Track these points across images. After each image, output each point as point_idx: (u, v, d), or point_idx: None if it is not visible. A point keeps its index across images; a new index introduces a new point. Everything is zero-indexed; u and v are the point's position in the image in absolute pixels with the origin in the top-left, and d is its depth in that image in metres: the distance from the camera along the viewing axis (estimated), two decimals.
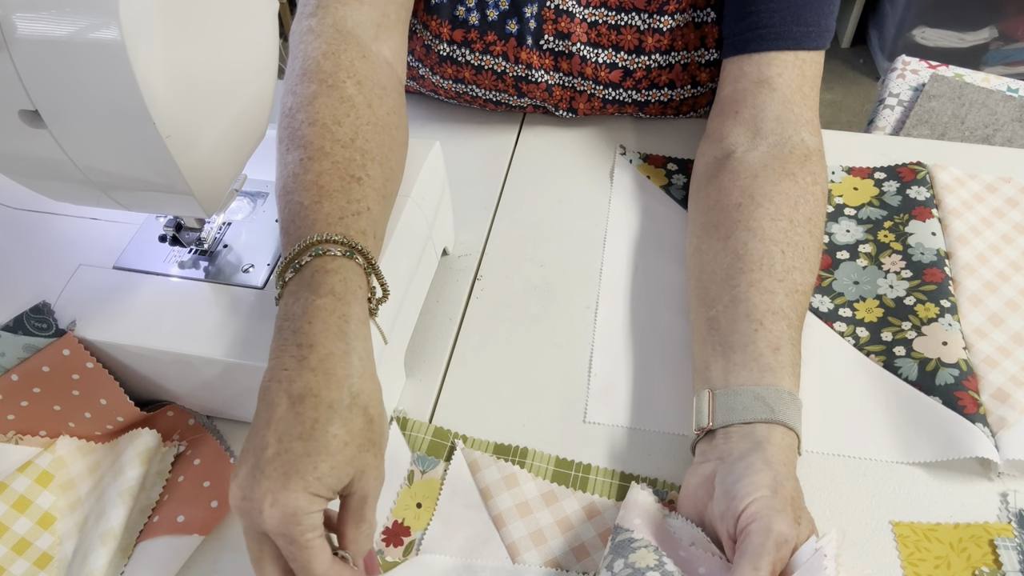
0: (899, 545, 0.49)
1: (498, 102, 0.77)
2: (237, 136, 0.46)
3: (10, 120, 0.39)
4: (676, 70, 0.71)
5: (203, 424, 0.57)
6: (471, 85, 0.75)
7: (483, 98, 0.77)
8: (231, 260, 0.54)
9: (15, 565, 0.50)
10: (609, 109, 0.75)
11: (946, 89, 1.07)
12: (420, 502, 0.52)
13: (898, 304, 0.60)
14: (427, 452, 0.55)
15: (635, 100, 0.74)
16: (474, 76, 0.74)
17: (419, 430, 0.56)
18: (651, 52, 0.70)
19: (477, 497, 0.52)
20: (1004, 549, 0.48)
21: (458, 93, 0.77)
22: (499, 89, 0.75)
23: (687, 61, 0.71)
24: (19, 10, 0.36)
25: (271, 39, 0.46)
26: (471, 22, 0.71)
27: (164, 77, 0.38)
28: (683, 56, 0.70)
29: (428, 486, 0.53)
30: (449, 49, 0.72)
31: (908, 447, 0.53)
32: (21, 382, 0.53)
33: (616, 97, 0.73)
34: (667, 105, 0.75)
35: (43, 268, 0.55)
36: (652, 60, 0.71)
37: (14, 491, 0.52)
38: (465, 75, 0.74)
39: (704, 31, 0.69)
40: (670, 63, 0.71)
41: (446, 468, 0.54)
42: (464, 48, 0.72)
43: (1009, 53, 1.89)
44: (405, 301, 0.57)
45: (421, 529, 0.51)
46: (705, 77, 0.72)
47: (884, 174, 0.70)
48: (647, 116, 0.78)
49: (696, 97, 0.74)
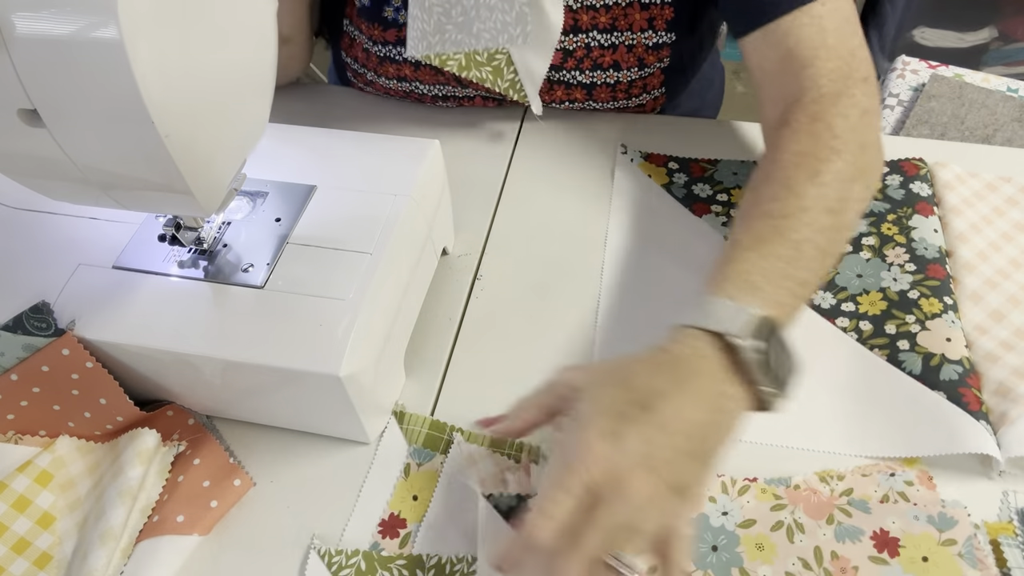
0: None
1: (445, 96, 0.77)
2: (237, 136, 0.46)
3: (9, 119, 0.39)
4: (621, 51, 0.70)
5: (203, 424, 0.57)
6: (414, 82, 0.75)
7: (430, 94, 0.77)
8: (231, 259, 0.54)
9: (15, 565, 0.50)
10: (558, 94, 0.75)
11: (946, 89, 1.07)
12: (416, 494, 0.53)
13: (902, 297, 0.60)
14: (424, 445, 0.55)
15: (580, 82, 0.73)
16: (415, 73, 0.74)
17: (416, 423, 0.56)
18: (588, 30, 0.69)
19: (473, 490, 0.52)
20: (1008, 547, 0.48)
21: (405, 92, 0.77)
22: (441, 83, 0.75)
23: (632, 43, 0.70)
24: (18, 9, 0.36)
25: (271, 39, 0.46)
26: (400, 21, 0.71)
27: (164, 77, 0.38)
28: (627, 37, 0.69)
29: (425, 478, 0.53)
30: (385, 50, 0.73)
31: (911, 442, 0.53)
32: (20, 382, 0.53)
33: (560, 79, 0.73)
34: (615, 87, 0.74)
35: (42, 268, 0.55)
36: (591, 38, 0.70)
37: (14, 491, 0.52)
38: (406, 73, 0.74)
39: (652, 12, 0.68)
40: (613, 43, 0.70)
41: (443, 461, 0.54)
42: (399, 47, 0.72)
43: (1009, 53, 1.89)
44: (405, 301, 0.57)
45: (417, 521, 0.51)
46: (652, 59, 0.71)
47: (887, 168, 0.70)
48: (599, 105, 0.76)
49: (646, 79, 0.73)
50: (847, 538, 0.48)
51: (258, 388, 0.52)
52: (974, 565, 0.47)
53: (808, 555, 0.48)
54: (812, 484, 0.51)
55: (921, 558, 0.47)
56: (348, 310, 0.50)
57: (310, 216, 0.56)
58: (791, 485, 0.51)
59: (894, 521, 0.49)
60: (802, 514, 0.49)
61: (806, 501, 0.50)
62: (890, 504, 0.49)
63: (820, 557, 0.48)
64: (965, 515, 0.49)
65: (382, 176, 0.58)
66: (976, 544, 0.48)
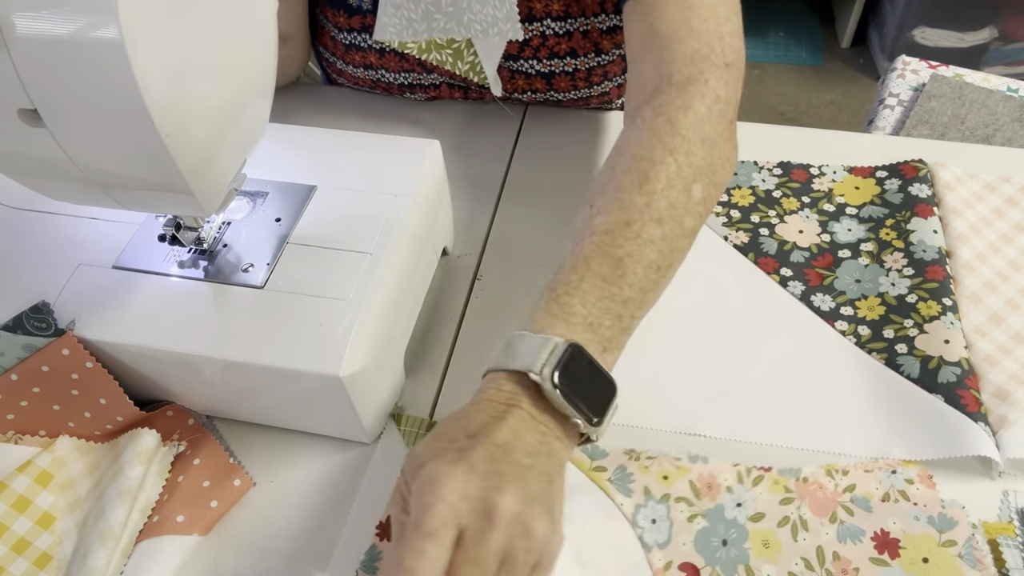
0: None
1: (410, 84, 0.77)
2: (237, 135, 0.46)
3: (9, 119, 0.39)
4: (576, 38, 0.70)
5: (203, 424, 0.57)
6: (380, 70, 0.76)
7: (396, 83, 0.77)
8: (231, 259, 0.54)
9: (15, 565, 0.50)
10: (519, 84, 0.75)
11: (946, 89, 1.07)
12: None
13: (900, 302, 0.60)
14: None
15: (540, 72, 0.73)
16: (379, 60, 0.74)
17: (413, 425, 0.56)
18: (542, 18, 0.69)
19: None
20: (1007, 548, 0.48)
21: (372, 81, 0.78)
22: (405, 70, 0.75)
23: (586, 28, 0.69)
24: (19, 9, 0.36)
25: (271, 39, 0.46)
26: (364, 7, 0.71)
27: (164, 76, 0.38)
28: (581, 23, 0.69)
29: None
30: (350, 37, 0.73)
31: (910, 445, 0.53)
32: (20, 382, 0.53)
33: (519, 68, 0.73)
34: (575, 76, 0.73)
35: (42, 268, 0.55)
36: (545, 27, 0.69)
37: (14, 491, 0.52)
38: (371, 60, 0.75)
39: None
40: (568, 31, 0.70)
41: None
42: (364, 34, 0.73)
43: (1009, 53, 1.89)
44: (405, 301, 0.57)
45: None
46: (608, 44, 0.71)
47: (886, 172, 0.70)
48: (561, 95, 0.76)
49: (604, 66, 0.73)
50: (849, 538, 0.48)
51: (258, 388, 0.52)
52: (973, 566, 0.47)
53: (811, 555, 0.48)
54: (819, 478, 0.51)
55: (922, 559, 0.47)
56: (348, 310, 0.50)
57: (310, 216, 0.56)
58: (801, 477, 0.51)
59: (895, 522, 0.49)
60: (807, 510, 0.50)
61: (812, 496, 0.50)
62: (891, 504, 0.50)
63: (823, 558, 0.48)
64: (964, 515, 0.49)
65: (382, 176, 0.58)
66: (975, 544, 0.48)
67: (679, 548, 0.48)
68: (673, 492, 0.50)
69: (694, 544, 0.48)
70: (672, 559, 0.48)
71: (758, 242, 0.66)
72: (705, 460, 0.51)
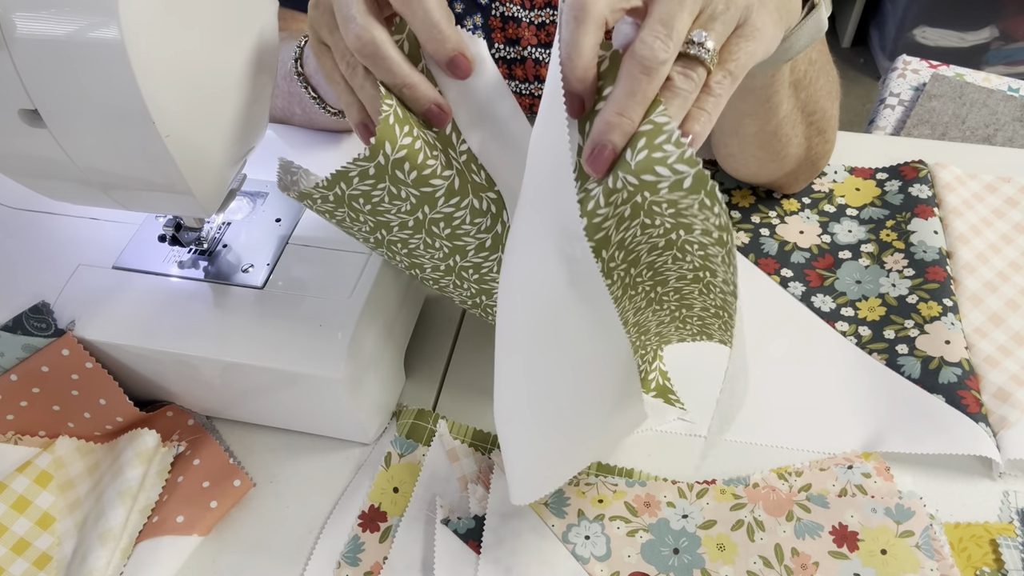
0: None
1: None
2: (237, 136, 0.46)
3: (10, 119, 0.39)
4: None
5: (203, 424, 0.57)
6: None
7: None
8: (231, 260, 0.54)
9: (14, 565, 0.50)
10: None
11: (947, 89, 1.07)
12: (397, 487, 0.52)
13: (900, 302, 0.60)
14: (407, 435, 0.55)
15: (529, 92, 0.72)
16: None
17: (407, 416, 0.56)
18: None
19: (455, 485, 0.52)
20: (1006, 548, 0.48)
21: None
22: None
23: None
24: (19, 9, 0.36)
25: (271, 39, 0.46)
26: None
27: (164, 77, 0.38)
28: None
29: (406, 470, 0.53)
30: None
31: (910, 444, 0.53)
32: (20, 382, 0.53)
33: None
34: None
35: (42, 268, 0.55)
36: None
37: (13, 491, 0.52)
38: None
39: None
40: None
41: (424, 453, 0.54)
42: None
43: (1010, 53, 1.89)
44: (405, 301, 0.57)
45: (398, 515, 0.51)
46: None
47: (886, 174, 0.70)
48: None
49: None
50: (807, 534, 0.48)
51: (258, 389, 0.52)
52: (931, 556, 0.47)
53: (769, 553, 0.48)
54: (771, 481, 0.51)
55: (880, 551, 0.47)
56: (348, 310, 0.50)
57: (310, 216, 0.56)
58: (750, 484, 0.51)
59: (852, 515, 0.49)
60: (762, 512, 0.50)
61: (765, 499, 0.50)
62: (848, 498, 0.50)
63: (781, 555, 0.48)
64: (921, 505, 0.49)
65: None
66: (932, 535, 0.48)
67: (624, 560, 0.48)
68: (608, 512, 0.50)
69: (641, 555, 0.48)
70: (618, 570, 0.48)
71: (759, 243, 0.66)
72: (643, 483, 0.52)
